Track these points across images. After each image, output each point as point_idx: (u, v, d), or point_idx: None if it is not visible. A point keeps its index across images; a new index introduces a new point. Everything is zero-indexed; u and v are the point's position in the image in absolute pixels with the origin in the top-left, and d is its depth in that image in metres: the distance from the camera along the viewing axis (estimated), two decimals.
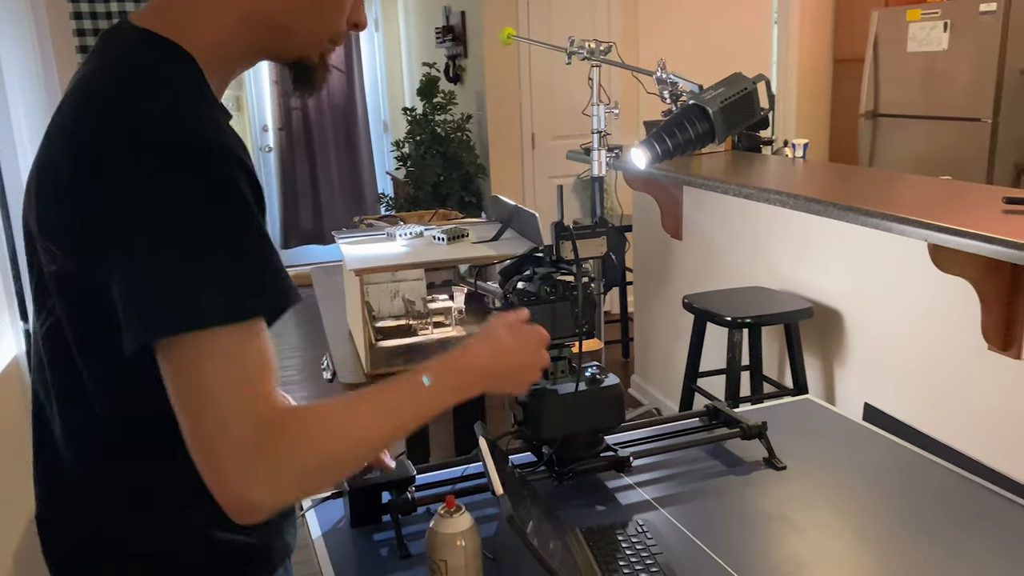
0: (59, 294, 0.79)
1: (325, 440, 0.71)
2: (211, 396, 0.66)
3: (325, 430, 0.71)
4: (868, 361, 2.41)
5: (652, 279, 3.63)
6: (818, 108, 5.43)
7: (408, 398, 0.80)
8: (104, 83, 0.77)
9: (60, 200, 0.75)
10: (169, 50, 0.80)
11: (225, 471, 0.66)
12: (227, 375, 0.67)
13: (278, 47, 0.89)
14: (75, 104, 0.77)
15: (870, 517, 1.26)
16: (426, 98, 4.87)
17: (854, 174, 2.76)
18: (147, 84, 0.76)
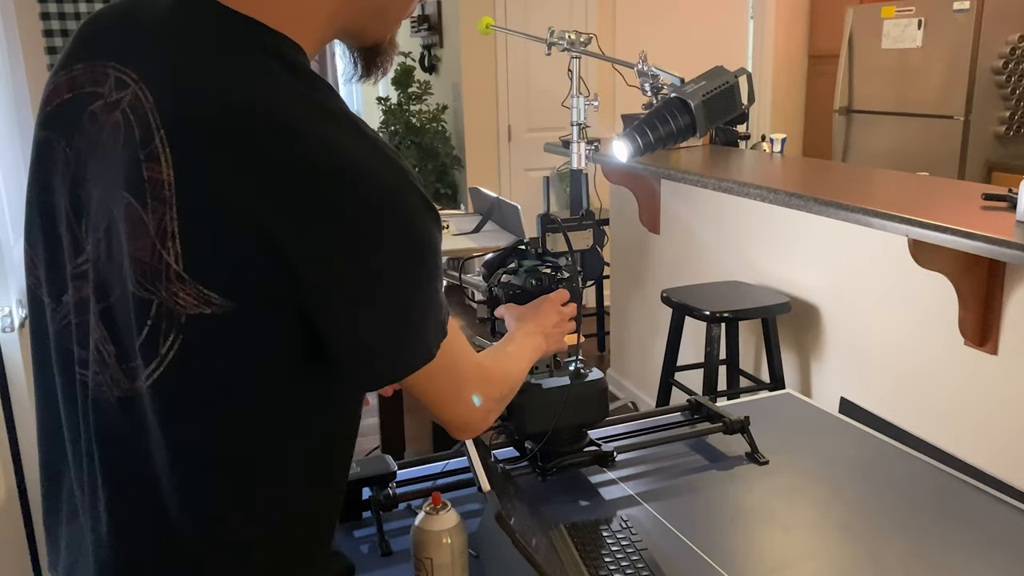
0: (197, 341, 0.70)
1: (505, 383, 0.96)
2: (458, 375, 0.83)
3: (504, 376, 0.97)
4: (845, 356, 2.43)
5: (629, 273, 3.63)
6: (793, 103, 5.47)
7: (527, 356, 1.09)
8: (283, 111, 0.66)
9: (250, 245, 0.66)
10: (300, 53, 0.73)
11: (473, 414, 0.86)
12: (457, 361, 0.83)
13: (367, 30, 0.82)
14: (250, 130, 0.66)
15: (853, 511, 1.26)
16: (401, 88, 4.83)
17: (832, 169, 2.77)
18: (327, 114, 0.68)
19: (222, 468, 0.73)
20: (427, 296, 0.74)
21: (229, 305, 0.67)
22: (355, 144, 0.68)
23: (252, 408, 0.72)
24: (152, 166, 0.67)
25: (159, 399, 0.71)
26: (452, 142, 4.90)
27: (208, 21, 0.71)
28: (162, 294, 0.68)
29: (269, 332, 0.70)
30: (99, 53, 0.75)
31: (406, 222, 0.70)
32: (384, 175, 0.69)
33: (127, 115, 0.69)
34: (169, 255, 0.67)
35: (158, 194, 0.67)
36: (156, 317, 0.69)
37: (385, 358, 0.75)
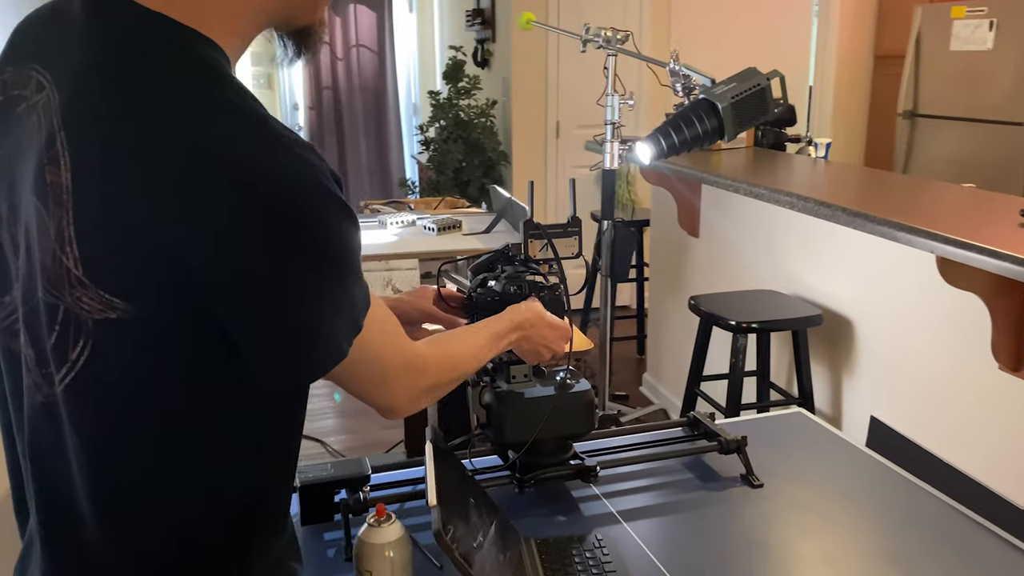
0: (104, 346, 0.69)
1: (445, 372, 0.94)
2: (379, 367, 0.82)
3: (445, 364, 0.94)
4: (877, 373, 2.32)
5: (667, 276, 3.56)
6: (856, 106, 5.28)
7: (489, 345, 1.06)
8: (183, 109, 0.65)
9: (150, 248, 0.65)
10: (213, 49, 0.70)
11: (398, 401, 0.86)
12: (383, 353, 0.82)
13: (297, 15, 0.80)
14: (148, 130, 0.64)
15: (842, 543, 1.19)
16: (451, 82, 4.82)
17: (873, 178, 2.65)
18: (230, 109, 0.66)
19: (134, 473, 0.72)
20: (335, 295, 0.72)
21: (133, 310, 0.66)
22: (255, 141, 0.66)
23: (165, 411, 0.71)
24: (53, 170, 0.66)
25: (72, 404, 0.70)
26: (500, 137, 4.87)
27: (117, 19, 0.69)
28: (67, 299, 0.67)
29: (175, 336, 0.68)
30: (25, 55, 0.75)
31: (309, 220, 0.67)
32: (284, 172, 0.66)
33: (39, 117, 0.69)
34: (69, 260, 0.66)
35: (57, 198, 0.66)
36: (64, 323, 0.68)
37: (292, 361, 0.73)
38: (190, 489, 0.75)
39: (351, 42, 6.64)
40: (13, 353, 0.76)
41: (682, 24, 4.80)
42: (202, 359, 0.70)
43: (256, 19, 0.76)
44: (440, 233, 1.80)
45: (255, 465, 0.79)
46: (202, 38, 0.70)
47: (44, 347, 0.70)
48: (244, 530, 0.80)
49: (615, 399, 3.80)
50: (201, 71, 0.68)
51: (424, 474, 1.30)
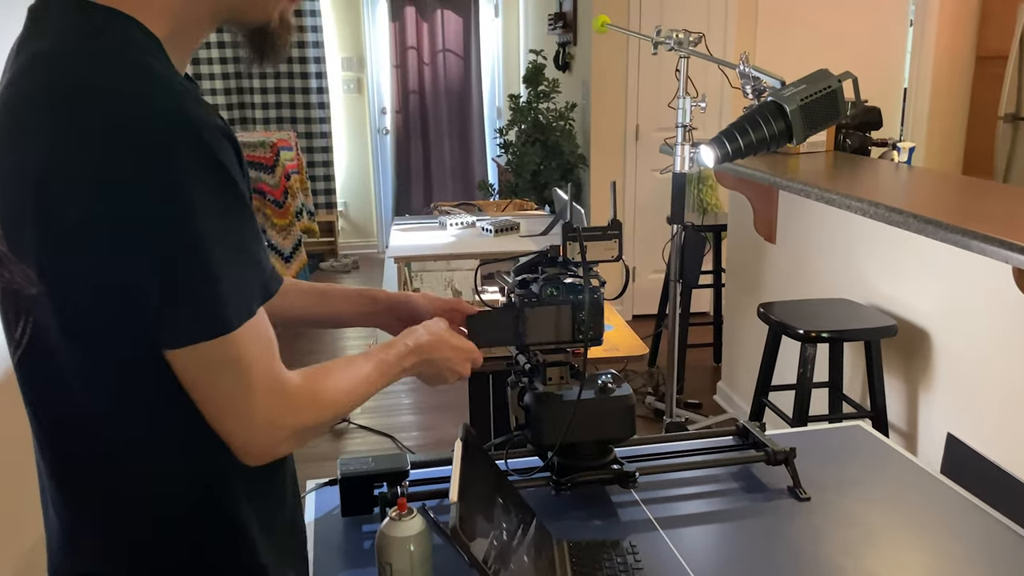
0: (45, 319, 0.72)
1: (325, 410, 0.83)
2: (245, 380, 0.74)
3: (326, 402, 0.84)
4: (955, 389, 2.21)
5: (743, 282, 3.48)
6: (954, 108, 5.03)
7: (378, 374, 0.94)
8: (67, 71, 0.69)
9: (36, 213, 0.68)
10: (126, 26, 0.73)
11: (255, 436, 0.76)
12: (250, 364, 0.74)
13: (244, 10, 0.81)
14: (34, 99, 0.69)
15: (888, 562, 1.14)
16: (531, 85, 4.85)
17: (956, 184, 2.53)
18: (118, 67, 0.70)
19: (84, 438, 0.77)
20: (217, 259, 0.70)
21: (42, 286, 0.70)
22: (126, 87, 0.68)
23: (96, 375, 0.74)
24: None
25: (25, 379, 0.77)
26: (578, 140, 4.87)
27: (47, 14, 0.74)
28: (5, 276, 0.72)
29: (75, 302, 0.70)
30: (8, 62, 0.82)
31: (183, 168, 0.67)
32: (157, 119, 0.67)
33: None
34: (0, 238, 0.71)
35: None
36: (4, 300, 0.75)
37: (142, 335, 0.71)
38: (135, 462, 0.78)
39: (438, 47, 6.75)
40: None
41: (768, 24, 4.68)
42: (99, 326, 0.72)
43: (200, 12, 0.78)
44: (497, 235, 1.82)
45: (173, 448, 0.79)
46: (119, 16, 0.73)
47: (4, 321, 0.77)
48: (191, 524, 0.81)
49: (687, 407, 3.74)
50: (99, 44, 0.71)
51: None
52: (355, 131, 6.66)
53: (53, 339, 0.72)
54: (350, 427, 3.58)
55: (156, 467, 0.78)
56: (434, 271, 2.12)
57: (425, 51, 6.75)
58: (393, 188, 6.92)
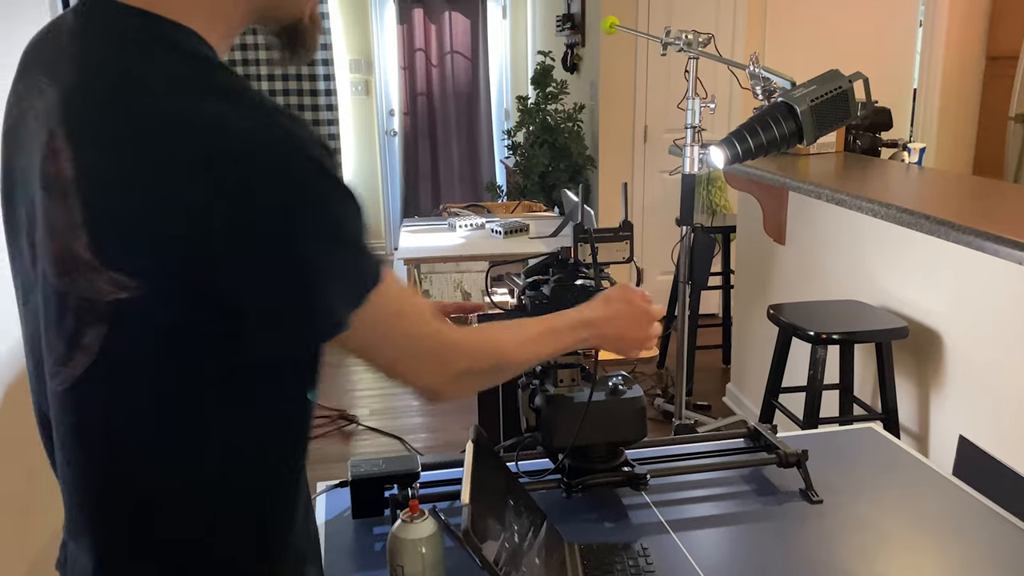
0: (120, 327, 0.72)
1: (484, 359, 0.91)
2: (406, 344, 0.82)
3: (485, 353, 0.91)
4: (967, 390, 2.20)
5: (752, 284, 3.47)
6: (964, 109, 5.00)
7: (547, 340, 1.00)
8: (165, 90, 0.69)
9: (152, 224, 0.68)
10: (194, 40, 0.75)
11: (429, 384, 0.86)
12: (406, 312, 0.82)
13: (279, 10, 0.83)
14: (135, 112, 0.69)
15: (900, 566, 1.14)
16: (539, 87, 4.85)
17: (967, 185, 2.51)
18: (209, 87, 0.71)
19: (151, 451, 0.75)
20: (331, 266, 0.73)
21: (144, 286, 0.69)
22: (247, 117, 0.69)
23: (169, 390, 0.74)
24: (55, 163, 0.71)
25: (89, 388, 0.74)
26: (587, 142, 4.86)
27: (102, 18, 0.74)
28: (80, 284, 0.71)
29: (185, 308, 0.71)
30: (33, 67, 0.80)
31: (300, 191, 0.70)
32: (276, 144, 0.69)
33: (39, 119, 0.74)
34: (80, 245, 0.70)
35: (63, 187, 0.70)
36: (77, 309, 0.72)
37: (294, 329, 0.74)
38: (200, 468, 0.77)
39: (446, 49, 6.76)
40: (36, 348, 0.81)
41: (778, 25, 4.67)
42: (212, 332, 0.72)
43: (235, 13, 0.79)
44: (507, 236, 1.82)
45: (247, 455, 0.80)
46: (184, 29, 0.74)
47: (59, 336, 0.74)
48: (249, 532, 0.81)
49: (696, 409, 3.73)
50: (185, 60, 0.72)
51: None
52: (363, 133, 6.67)
53: (139, 350, 0.72)
54: (358, 428, 3.58)
55: (212, 491, 0.78)
56: (443, 273, 2.12)
57: (433, 53, 6.76)
58: (401, 190, 6.93)
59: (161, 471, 0.76)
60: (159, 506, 0.77)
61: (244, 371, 0.76)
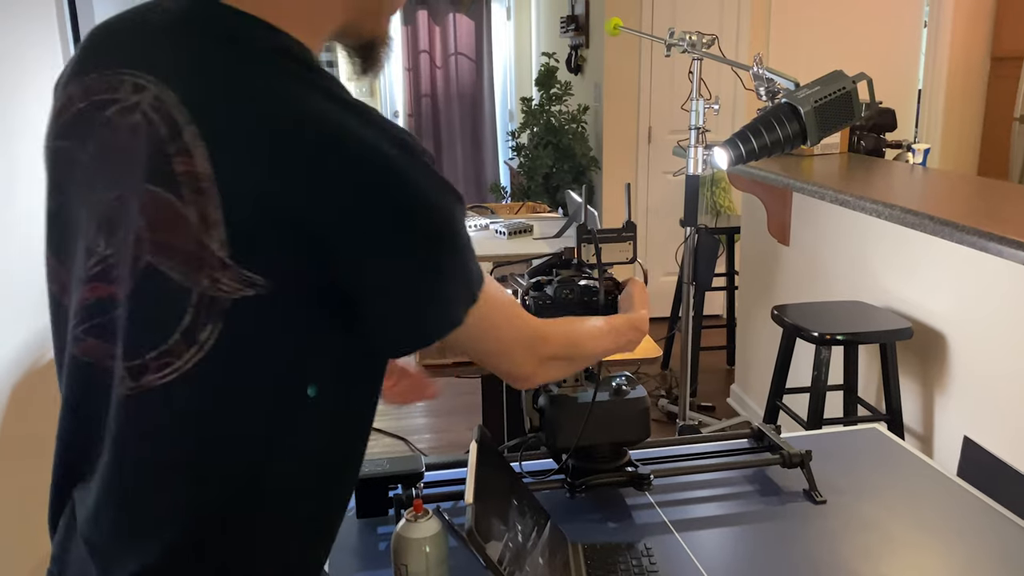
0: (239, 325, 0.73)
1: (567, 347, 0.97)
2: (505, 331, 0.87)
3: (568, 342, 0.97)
4: (971, 391, 2.19)
5: (756, 285, 3.47)
6: (969, 109, 5.00)
7: (609, 333, 1.06)
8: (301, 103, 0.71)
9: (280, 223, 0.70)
10: (304, 51, 0.77)
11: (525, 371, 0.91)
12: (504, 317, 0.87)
13: (363, 26, 0.86)
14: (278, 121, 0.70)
15: (904, 566, 1.14)
16: (543, 88, 4.85)
17: (972, 185, 2.51)
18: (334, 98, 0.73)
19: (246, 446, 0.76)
20: (451, 267, 0.77)
21: (271, 285, 0.71)
22: (368, 130, 0.72)
23: (280, 384, 0.75)
24: (184, 159, 0.70)
25: (195, 385, 0.73)
26: (590, 143, 4.86)
27: (219, 24, 0.75)
28: (204, 283, 0.71)
29: (305, 306, 0.73)
30: (112, 61, 0.78)
31: (426, 200, 0.74)
32: (399, 158, 0.73)
33: (147, 115, 0.73)
34: (214, 243, 0.70)
35: (196, 186, 0.70)
36: (197, 306, 0.71)
37: (413, 327, 0.78)
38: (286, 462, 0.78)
39: (450, 50, 6.77)
40: (86, 355, 0.79)
41: (782, 26, 4.67)
42: (319, 331, 0.75)
43: (330, 26, 0.82)
44: (511, 237, 1.82)
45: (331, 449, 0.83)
46: (297, 42, 0.76)
47: (152, 333, 0.73)
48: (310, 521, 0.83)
49: (700, 410, 3.73)
50: (310, 71, 0.74)
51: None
52: None
53: (252, 346, 0.73)
54: None
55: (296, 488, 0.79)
56: None
57: (437, 54, 6.77)
58: None
59: (253, 470, 0.76)
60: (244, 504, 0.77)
61: (349, 368, 0.79)
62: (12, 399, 1.86)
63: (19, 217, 1.93)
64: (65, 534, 0.84)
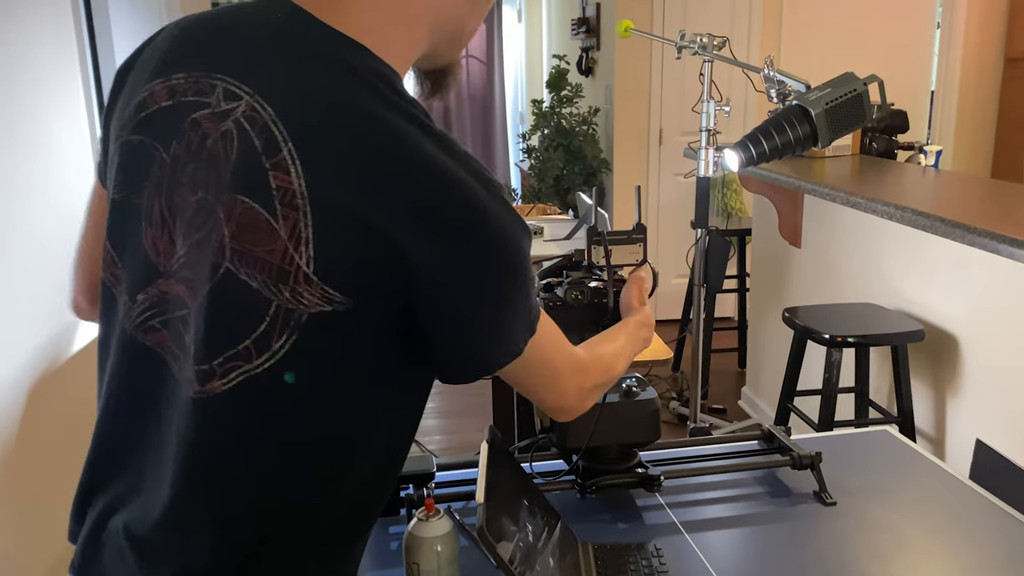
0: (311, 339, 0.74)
1: (605, 372, 1.00)
2: (552, 368, 0.89)
3: (603, 365, 0.99)
4: (984, 394, 2.18)
5: (767, 287, 3.46)
6: (983, 111, 4.97)
7: (629, 342, 1.09)
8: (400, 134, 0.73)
9: (367, 244, 0.72)
10: (397, 78, 0.78)
11: (567, 401, 0.92)
12: (555, 354, 0.89)
13: (442, 54, 0.89)
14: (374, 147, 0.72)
15: (914, 567, 1.14)
16: (554, 90, 4.86)
17: (985, 187, 2.50)
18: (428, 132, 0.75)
19: (306, 454, 0.78)
20: (518, 299, 0.79)
21: (349, 302, 0.73)
22: (454, 161, 0.74)
23: (346, 399, 0.78)
24: (280, 175, 0.72)
25: (264, 391, 0.74)
26: (601, 145, 4.87)
27: (318, 42, 0.76)
28: (284, 295, 0.72)
29: (377, 326, 0.76)
30: (202, 64, 0.78)
31: (503, 233, 0.76)
32: (481, 191, 0.75)
33: (242, 125, 0.74)
34: (301, 258, 0.72)
35: (289, 202, 0.72)
36: (274, 316, 0.73)
37: (478, 355, 0.80)
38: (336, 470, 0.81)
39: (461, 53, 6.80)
40: (148, 349, 0.80)
41: (794, 27, 4.66)
42: (387, 351, 0.78)
43: (417, 53, 0.84)
44: None
45: (384, 460, 0.85)
46: (385, 64, 0.78)
47: (222, 342, 0.74)
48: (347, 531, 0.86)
49: (711, 412, 3.73)
50: (402, 97, 0.75)
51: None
52: None
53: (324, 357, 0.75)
54: None
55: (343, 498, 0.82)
56: None
57: None
58: None
59: (311, 476, 0.79)
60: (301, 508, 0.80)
61: (408, 393, 0.82)
62: (30, 398, 1.88)
63: (35, 217, 1.95)
64: (96, 522, 0.84)
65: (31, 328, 1.95)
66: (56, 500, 1.99)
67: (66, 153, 2.17)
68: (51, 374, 2.01)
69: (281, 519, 0.79)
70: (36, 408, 1.92)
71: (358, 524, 0.86)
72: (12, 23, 1.93)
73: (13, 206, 1.89)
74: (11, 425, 1.83)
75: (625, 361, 1.06)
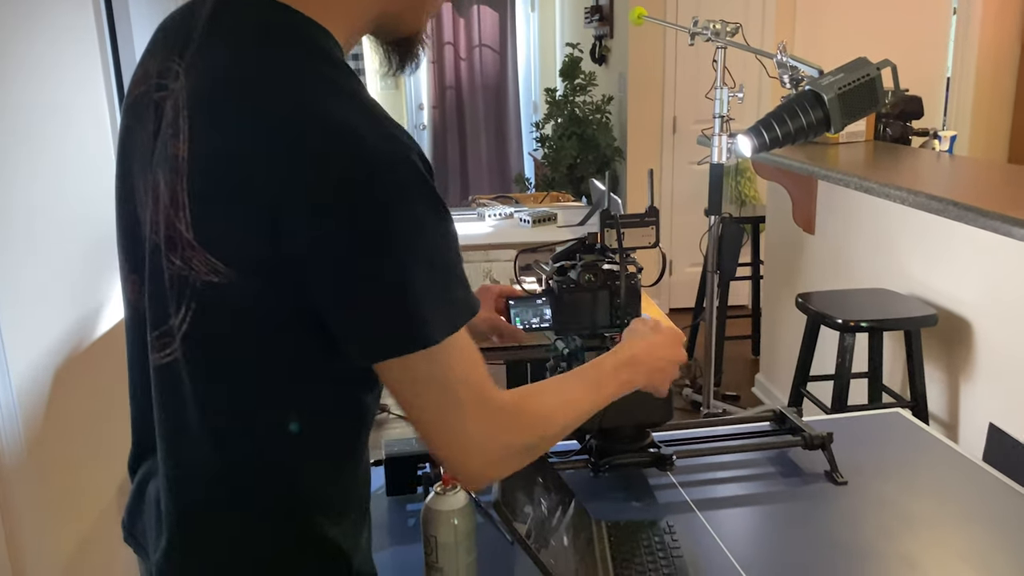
0: (209, 308, 0.74)
1: (536, 429, 0.84)
2: (453, 397, 0.76)
3: (536, 420, 0.84)
4: (997, 378, 2.19)
5: (781, 274, 3.46)
6: (999, 97, 4.93)
7: (591, 394, 0.94)
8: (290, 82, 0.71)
9: (250, 213, 0.69)
10: (328, 38, 0.76)
11: (469, 456, 0.78)
12: (459, 380, 0.76)
13: (402, 21, 0.85)
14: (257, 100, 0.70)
15: (925, 544, 1.15)
16: (567, 79, 4.86)
17: (999, 172, 2.49)
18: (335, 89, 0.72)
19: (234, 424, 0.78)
20: (426, 276, 0.72)
21: (232, 274, 0.71)
22: (360, 122, 0.70)
23: (250, 376, 0.76)
24: (174, 142, 0.73)
25: (184, 361, 0.77)
26: (615, 133, 4.87)
27: (248, 11, 0.76)
28: (177, 263, 0.73)
29: (269, 301, 0.73)
30: (168, 47, 0.81)
31: (405, 198, 0.70)
32: (384, 152, 0.69)
33: (174, 102, 0.76)
34: (182, 223, 0.72)
35: (175, 167, 0.73)
36: (174, 283, 0.74)
37: (374, 333, 0.73)
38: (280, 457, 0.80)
39: (474, 42, 6.80)
40: (142, 322, 0.84)
41: (808, 13, 4.64)
42: (283, 328, 0.74)
43: (369, 19, 0.82)
44: (535, 225, 1.85)
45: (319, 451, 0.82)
46: (323, 30, 0.76)
47: (161, 309, 0.77)
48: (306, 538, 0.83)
49: (725, 399, 3.74)
50: (319, 58, 0.74)
51: None
52: None
53: (221, 332, 0.75)
54: (390, 417, 3.64)
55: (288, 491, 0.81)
56: (473, 262, 2.15)
57: (461, 46, 6.79)
58: None
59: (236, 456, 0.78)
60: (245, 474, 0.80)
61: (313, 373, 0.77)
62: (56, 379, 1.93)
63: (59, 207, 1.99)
64: (138, 487, 0.90)
65: (56, 311, 2.00)
66: (83, 480, 2.04)
67: (91, 148, 2.22)
68: (76, 356, 2.05)
69: (233, 481, 0.79)
70: (62, 388, 1.97)
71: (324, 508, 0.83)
72: (36, 20, 1.96)
73: (39, 197, 1.94)
74: (40, 404, 1.88)
75: (576, 416, 0.89)
